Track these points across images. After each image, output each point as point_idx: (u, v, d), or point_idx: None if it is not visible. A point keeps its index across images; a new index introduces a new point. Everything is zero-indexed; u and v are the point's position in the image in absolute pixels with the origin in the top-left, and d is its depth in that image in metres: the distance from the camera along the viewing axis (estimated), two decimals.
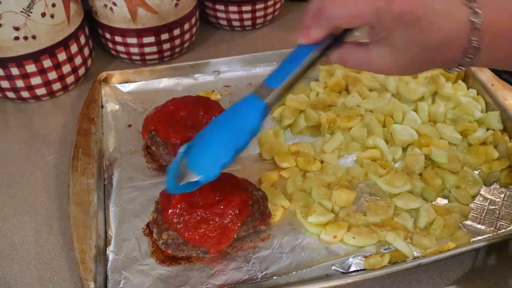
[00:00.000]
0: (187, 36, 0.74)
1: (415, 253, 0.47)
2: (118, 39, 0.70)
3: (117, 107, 0.64)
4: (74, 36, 0.64)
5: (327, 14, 0.38)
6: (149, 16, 0.67)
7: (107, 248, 0.47)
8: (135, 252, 0.47)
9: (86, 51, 0.68)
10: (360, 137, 0.59)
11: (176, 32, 0.71)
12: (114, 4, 0.65)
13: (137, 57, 0.72)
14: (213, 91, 0.66)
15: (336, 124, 0.60)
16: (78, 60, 0.66)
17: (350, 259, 0.46)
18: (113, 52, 0.73)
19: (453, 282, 0.46)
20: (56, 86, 0.65)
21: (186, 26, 0.72)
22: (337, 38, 0.41)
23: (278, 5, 0.84)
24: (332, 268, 0.45)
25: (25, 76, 0.61)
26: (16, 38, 0.57)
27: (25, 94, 0.63)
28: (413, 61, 0.39)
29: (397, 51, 0.38)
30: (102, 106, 0.63)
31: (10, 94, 0.63)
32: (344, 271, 0.45)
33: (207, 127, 0.44)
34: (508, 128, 0.61)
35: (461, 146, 0.59)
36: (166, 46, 0.72)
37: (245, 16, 0.80)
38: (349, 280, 0.44)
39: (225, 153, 0.41)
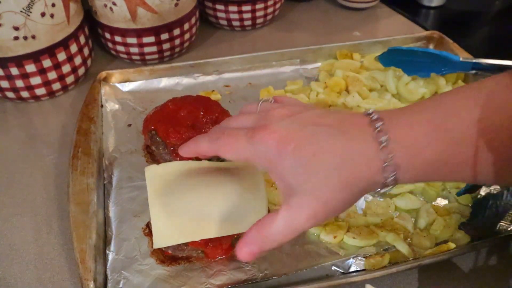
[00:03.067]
0: (187, 36, 0.74)
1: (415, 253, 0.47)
2: (118, 39, 0.70)
3: (117, 106, 0.64)
4: (74, 36, 0.64)
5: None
6: (149, 16, 0.67)
7: (107, 248, 0.47)
8: (134, 252, 0.47)
9: (86, 51, 0.68)
10: None
11: (176, 32, 0.71)
12: (114, 4, 0.65)
13: (137, 57, 0.72)
14: (213, 91, 0.66)
15: None
16: (78, 60, 0.66)
17: (350, 259, 0.46)
18: (113, 52, 0.73)
19: (453, 282, 0.46)
20: (56, 86, 0.65)
21: (186, 26, 0.72)
22: None
23: (278, 5, 0.84)
24: (332, 268, 0.45)
25: (25, 76, 0.61)
26: (16, 38, 0.57)
27: (24, 94, 0.63)
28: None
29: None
30: (102, 106, 0.63)
31: (10, 94, 0.63)
32: (344, 271, 0.45)
33: None
34: None
35: None
36: (166, 46, 0.72)
37: (245, 16, 0.80)
38: (349, 280, 0.44)
39: None
